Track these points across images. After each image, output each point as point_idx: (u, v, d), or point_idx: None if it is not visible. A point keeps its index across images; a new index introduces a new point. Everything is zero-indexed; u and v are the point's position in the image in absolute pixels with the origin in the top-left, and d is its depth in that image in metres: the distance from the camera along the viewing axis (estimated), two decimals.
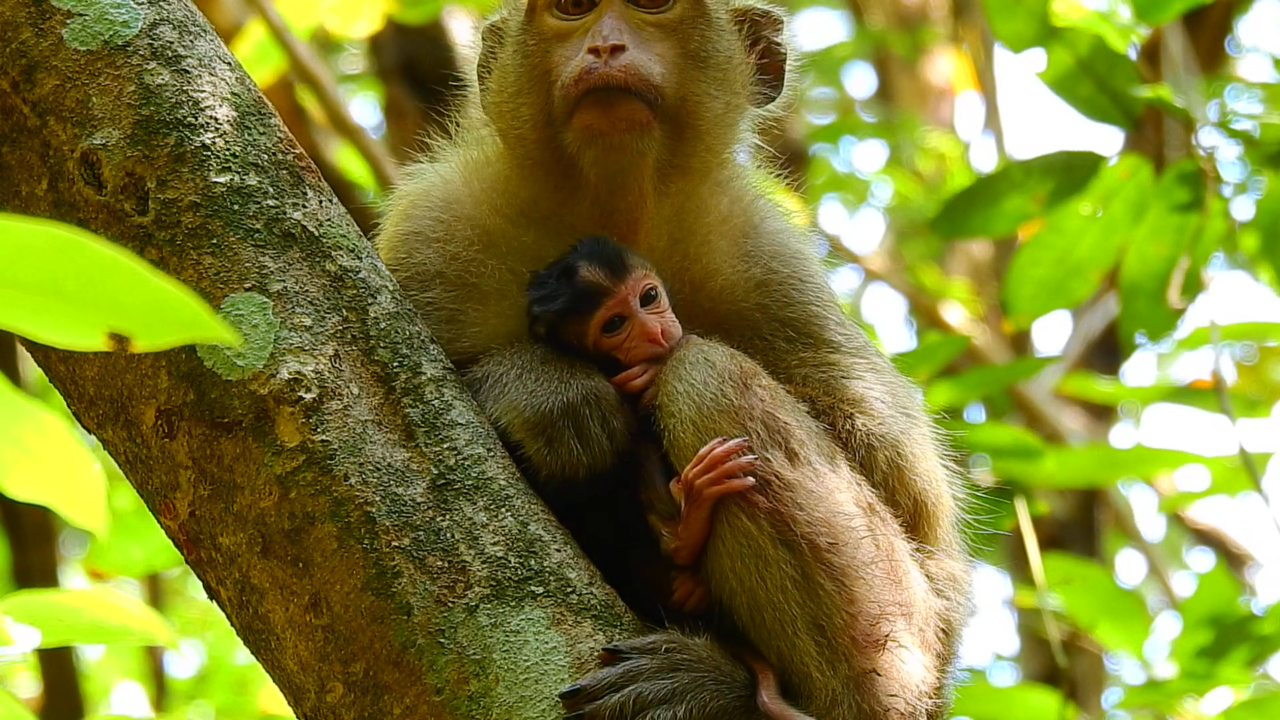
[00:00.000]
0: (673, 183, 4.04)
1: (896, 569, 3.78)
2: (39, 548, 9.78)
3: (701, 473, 3.67)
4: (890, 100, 15.29)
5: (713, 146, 4.09)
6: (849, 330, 4.11)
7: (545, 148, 4.03)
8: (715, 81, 4.07)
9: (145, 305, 2.51)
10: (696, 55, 4.05)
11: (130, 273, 2.51)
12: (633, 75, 3.94)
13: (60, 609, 3.86)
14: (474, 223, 4.07)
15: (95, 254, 2.50)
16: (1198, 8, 6.29)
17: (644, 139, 3.97)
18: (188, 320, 2.51)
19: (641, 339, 3.85)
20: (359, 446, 3.62)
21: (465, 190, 4.13)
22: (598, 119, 3.94)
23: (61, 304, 2.52)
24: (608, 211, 4.02)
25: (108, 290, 2.51)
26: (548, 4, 4.08)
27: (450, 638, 3.56)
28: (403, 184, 4.24)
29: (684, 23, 4.06)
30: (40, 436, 2.86)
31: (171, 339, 2.52)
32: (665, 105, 3.98)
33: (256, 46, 8.52)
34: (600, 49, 3.94)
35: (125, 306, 2.52)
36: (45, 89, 3.69)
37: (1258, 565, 12.61)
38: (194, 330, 2.51)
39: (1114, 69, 5.73)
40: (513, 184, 4.10)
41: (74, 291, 2.52)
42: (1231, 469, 8.09)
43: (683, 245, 4.06)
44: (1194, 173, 5.79)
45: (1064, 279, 5.89)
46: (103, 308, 2.52)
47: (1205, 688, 6.72)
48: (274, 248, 3.69)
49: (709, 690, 3.60)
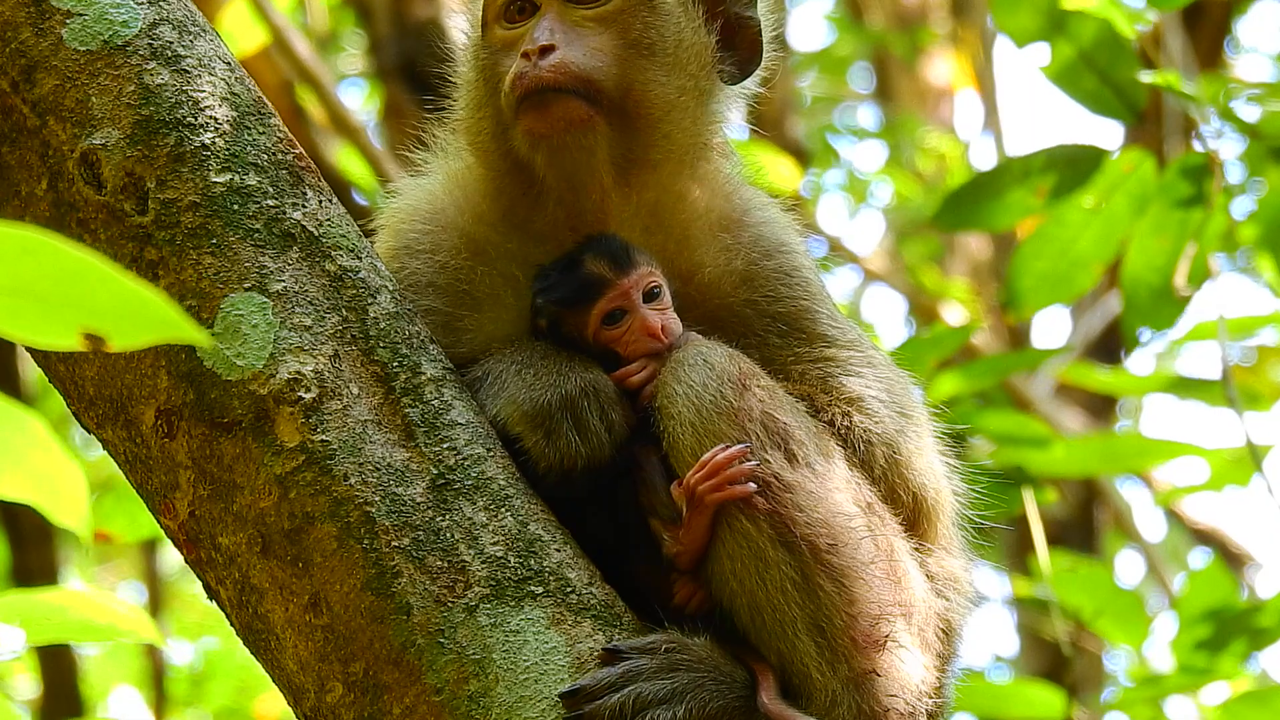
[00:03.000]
0: (635, 176, 4.01)
1: (896, 569, 3.78)
2: (39, 548, 9.79)
3: (703, 479, 3.67)
4: (890, 100, 15.29)
5: (671, 134, 4.04)
6: (841, 323, 4.10)
7: (505, 157, 4.04)
8: (663, 67, 4.02)
9: (118, 306, 2.52)
10: (639, 43, 4.01)
11: (102, 274, 2.51)
12: (562, 73, 3.93)
13: (49, 608, 3.87)
14: (460, 232, 4.07)
15: (66, 256, 2.51)
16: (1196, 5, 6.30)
17: (588, 135, 3.95)
18: (161, 321, 2.52)
19: (641, 334, 3.85)
20: (359, 446, 3.62)
21: (449, 200, 4.13)
22: (536, 122, 3.94)
23: (35, 305, 2.53)
24: (574, 212, 4.01)
25: (80, 291, 2.52)
26: (496, 15, 4.08)
27: (450, 637, 3.56)
28: (391, 199, 4.24)
29: (624, 13, 4.02)
30: (24, 439, 2.87)
31: (145, 339, 2.52)
32: (608, 98, 3.96)
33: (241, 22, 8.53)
34: (530, 51, 3.94)
35: (99, 307, 2.52)
36: (45, 89, 3.69)
37: (1257, 565, 12.61)
38: (167, 330, 2.51)
39: (1118, 62, 5.73)
40: (490, 193, 4.10)
41: (47, 293, 2.52)
42: (1231, 462, 8.09)
43: (659, 239, 4.03)
44: (1197, 167, 5.79)
45: (1066, 272, 5.89)
46: (76, 308, 2.53)
47: (1203, 681, 6.73)
48: (274, 248, 3.69)
49: (709, 690, 3.60)
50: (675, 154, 4.06)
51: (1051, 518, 11.24)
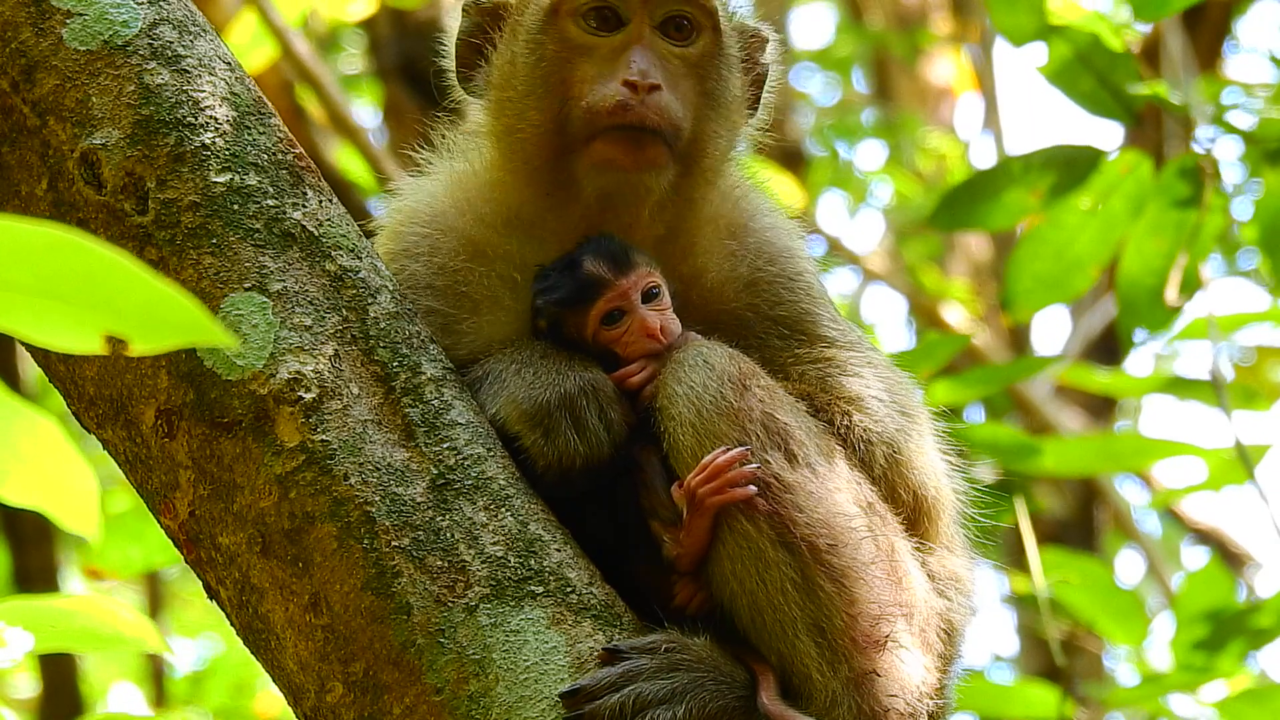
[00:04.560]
0: (668, 210, 4.04)
1: (897, 569, 3.78)
2: (38, 549, 9.79)
3: (704, 482, 3.67)
4: (890, 100, 15.29)
5: (712, 180, 4.10)
6: (842, 325, 4.11)
7: (546, 155, 4.01)
8: (723, 119, 4.09)
9: (143, 308, 2.47)
10: (711, 94, 4.05)
11: (128, 274, 2.47)
12: (665, 119, 3.94)
13: (52, 614, 3.85)
14: (459, 234, 4.07)
15: (93, 255, 2.47)
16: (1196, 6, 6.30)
17: (658, 178, 3.97)
18: (185, 323, 2.47)
19: (640, 334, 3.86)
20: (359, 446, 3.62)
21: (450, 202, 4.12)
22: (623, 156, 3.94)
23: (58, 307, 2.48)
24: (596, 224, 4.01)
25: (105, 292, 2.47)
26: (572, 11, 4.03)
27: (450, 637, 3.56)
28: (392, 201, 4.23)
29: (704, 59, 4.05)
30: (34, 442, 2.85)
31: (169, 342, 2.48)
32: (680, 145, 3.99)
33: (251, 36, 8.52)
34: (639, 85, 3.92)
35: (122, 309, 2.48)
36: (45, 89, 3.69)
37: (1257, 565, 12.61)
38: (191, 333, 2.47)
39: (1114, 64, 5.73)
40: (499, 190, 4.08)
41: (71, 294, 2.48)
42: (1228, 462, 8.10)
43: (668, 246, 4.05)
44: (1193, 168, 5.79)
45: (1063, 274, 5.89)
46: (100, 310, 2.48)
47: (1202, 680, 6.73)
48: (274, 247, 3.69)
49: (709, 690, 3.60)
50: (709, 187, 4.10)
51: (1052, 517, 11.24)
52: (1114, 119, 5.84)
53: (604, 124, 3.93)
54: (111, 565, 6.75)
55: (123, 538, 6.64)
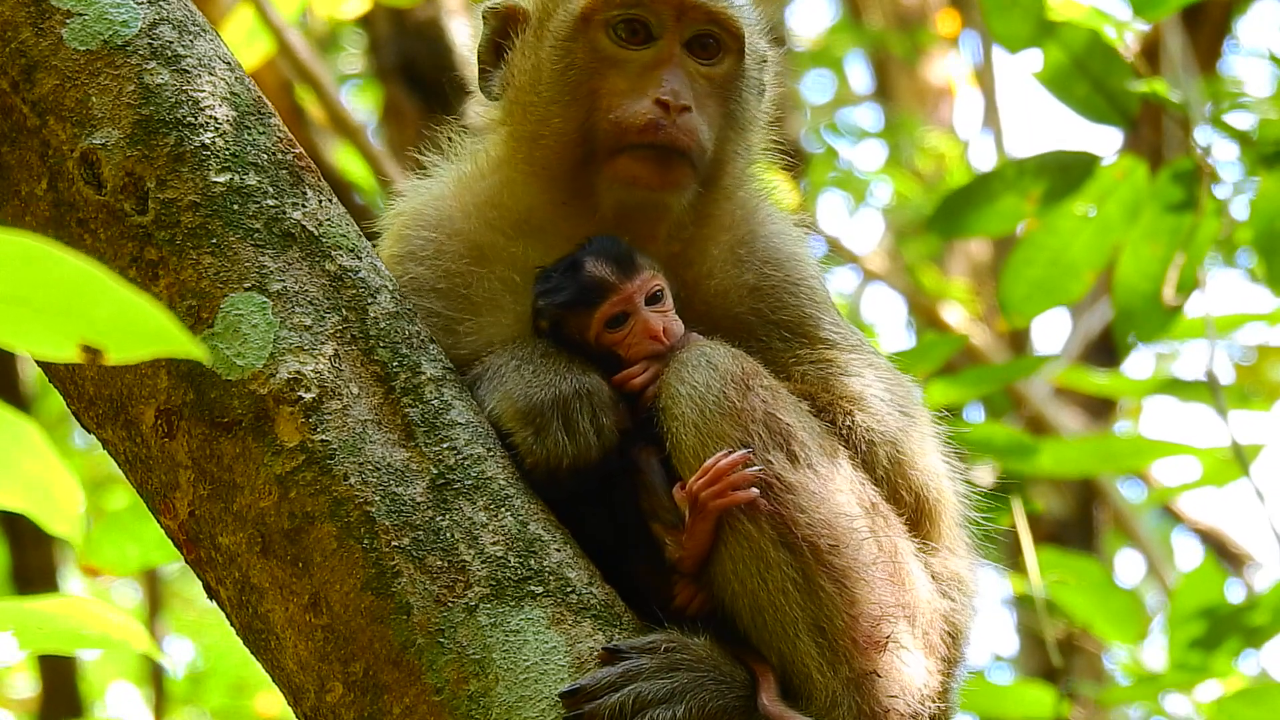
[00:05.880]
0: (685, 229, 4.05)
1: (899, 570, 3.78)
2: (37, 549, 9.80)
3: (706, 485, 3.66)
4: (890, 100, 15.29)
5: (729, 196, 4.11)
6: (844, 328, 4.11)
7: (566, 164, 4.01)
8: (743, 141, 4.12)
9: (117, 318, 2.47)
10: (733, 116, 4.07)
11: (102, 285, 2.47)
12: (693, 140, 3.94)
13: (39, 617, 3.85)
14: (464, 237, 4.06)
15: (66, 265, 2.47)
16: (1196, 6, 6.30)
17: (679, 197, 3.98)
18: (159, 334, 2.48)
19: (643, 336, 3.85)
20: (359, 446, 3.62)
21: (456, 205, 4.11)
22: (649, 174, 3.94)
23: (34, 315, 2.48)
24: (609, 232, 4.01)
25: (79, 302, 2.47)
26: (604, 23, 4.02)
27: (450, 637, 3.56)
28: (397, 203, 4.22)
29: (728, 79, 4.06)
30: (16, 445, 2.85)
31: (143, 353, 2.48)
32: (704, 166, 4.00)
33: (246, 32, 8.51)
34: (672, 106, 3.92)
35: (97, 319, 2.48)
36: (45, 89, 3.69)
37: (1257, 565, 12.61)
38: (165, 344, 2.48)
39: (1110, 68, 5.74)
40: (509, 192, 4.07)
41: (46, 303, 2.48)
42: (1225, 461, 8.10)
43: (676, 251, 4.05)
44: (1189, 172, 5.79)
45: (1058, 279, 5.90)
46: (75, 320, 2.48)
47: (1197, 679, 6.73)
48: (274, 247, 3.69)
49: (709, 690, 3.60)
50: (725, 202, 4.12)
51: (1051, 517, 11.24)
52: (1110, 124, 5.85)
53: (631, 140, 3.93)
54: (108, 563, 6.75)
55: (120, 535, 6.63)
